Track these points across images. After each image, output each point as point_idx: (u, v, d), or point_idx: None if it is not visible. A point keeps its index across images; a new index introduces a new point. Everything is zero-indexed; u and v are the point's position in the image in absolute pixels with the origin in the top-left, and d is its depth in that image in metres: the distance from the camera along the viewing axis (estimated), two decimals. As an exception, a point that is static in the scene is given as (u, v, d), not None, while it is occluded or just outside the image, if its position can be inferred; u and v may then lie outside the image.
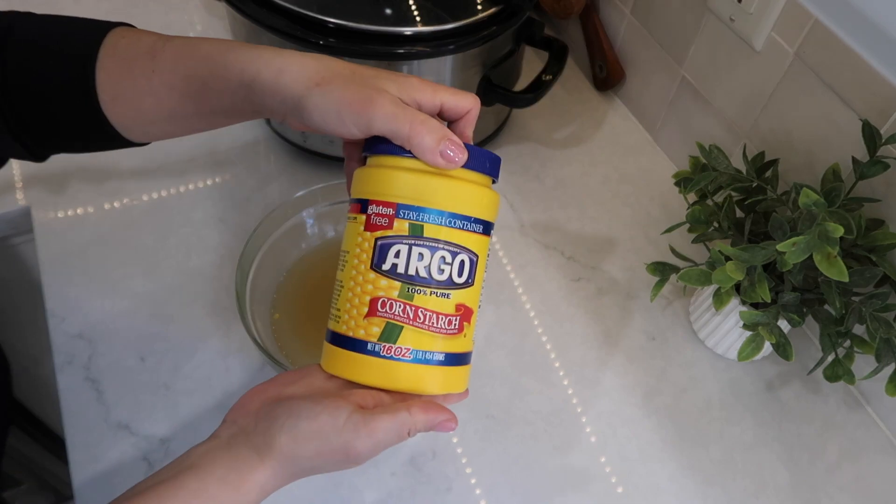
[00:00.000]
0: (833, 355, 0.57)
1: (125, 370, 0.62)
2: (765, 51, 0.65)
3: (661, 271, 0.63)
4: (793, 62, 0.62)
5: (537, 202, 0.79)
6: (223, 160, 0.79)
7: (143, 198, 0.75)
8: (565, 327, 0.69)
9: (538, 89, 0.73)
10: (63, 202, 0.73)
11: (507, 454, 0.61)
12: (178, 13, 0.94)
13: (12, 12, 0.45)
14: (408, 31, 0.65)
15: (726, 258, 0.55)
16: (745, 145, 0.69)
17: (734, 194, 0.63)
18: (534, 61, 0.84)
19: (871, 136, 0.54)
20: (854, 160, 0.56)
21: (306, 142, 0.76)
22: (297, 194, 0.65)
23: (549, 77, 0.73)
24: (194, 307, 0.67)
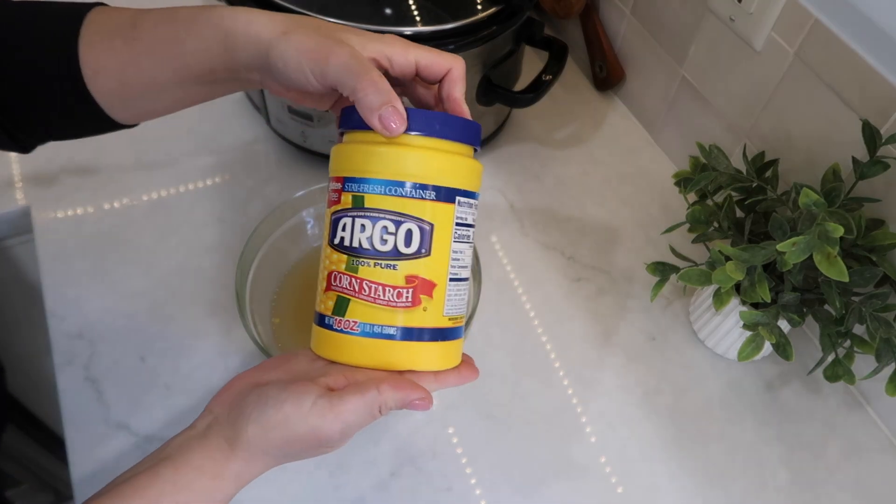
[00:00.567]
0: (833, 355, 0.57)
1: (125, 370, 0.62)
2: (765, 51, 0.65)
3: (661, 271, 0.64)
4: (793, 62, 0.62)
5: (537, 202, 0.79)
6: (223, 160, 0.79)
7: (143, 198, 0.75)
8: (565, 327, 0.69)
9: (538, 89, 0.73)
10: (63, 202, 0.73)
11: (507, 454, 0.61)
12: (178, 13, 0.94)
13: None
14: (408, 31, 0.65)
15: (726, 258, 0.55)
16: (745, 145, 0.69)
17: (734, 194, 0.63)
18: (534, 61, 0.84)
19: (871, 136, 0.54)
20: (854, 160, 0.56)
21: (306, 142, 0.76)
22: (297, 194, 0.65)
23: (549, 77, 0.73)
24: (194, 307, 0.67)
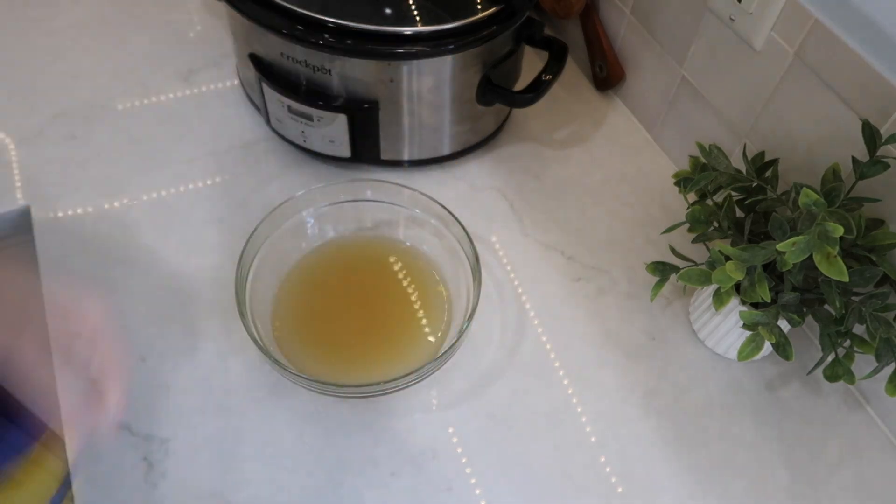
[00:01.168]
0: (833, 355, 0.57)
1: (125, 370, 0.62)
2: (765, 51, 0.65)
3: (661, 271, 0.63)
4: (793, 62, 0.62)
5: (537, 202, 0.79)
6: (223, 160, 0.79)
7: (143, 198, 0.75)
8: (565, 327, 0.69)
9: (538, 89, 0.73)
10: (63, 202, 0.73)
11: (507, 454, 0.61)
12: (178, 13, 0.94)
13: None
14: (408, 31, 0.65)
15: (726, 258, 0.55)
16: (745, 145, 0.69)
17: (734, 194, 0.63)
18: (534, 61, 0.84)
19: (871, 135, 0.54)
20: (854, 160, 0.56)
21: (306, 142, 0.76)
22: (297, 194, 0.65)
23: (549, 77, 0.74)
24: (194, 307, 0.67)
